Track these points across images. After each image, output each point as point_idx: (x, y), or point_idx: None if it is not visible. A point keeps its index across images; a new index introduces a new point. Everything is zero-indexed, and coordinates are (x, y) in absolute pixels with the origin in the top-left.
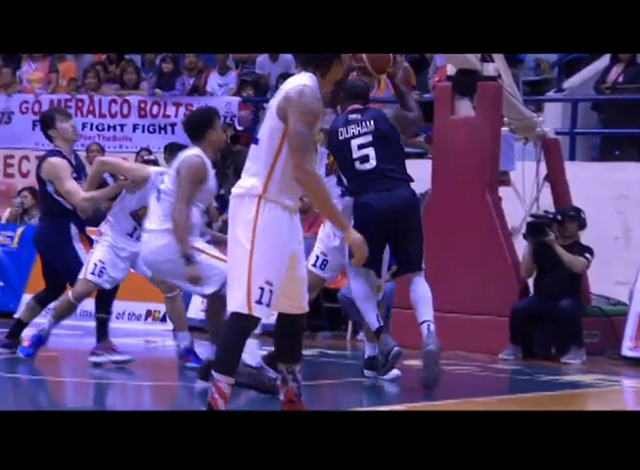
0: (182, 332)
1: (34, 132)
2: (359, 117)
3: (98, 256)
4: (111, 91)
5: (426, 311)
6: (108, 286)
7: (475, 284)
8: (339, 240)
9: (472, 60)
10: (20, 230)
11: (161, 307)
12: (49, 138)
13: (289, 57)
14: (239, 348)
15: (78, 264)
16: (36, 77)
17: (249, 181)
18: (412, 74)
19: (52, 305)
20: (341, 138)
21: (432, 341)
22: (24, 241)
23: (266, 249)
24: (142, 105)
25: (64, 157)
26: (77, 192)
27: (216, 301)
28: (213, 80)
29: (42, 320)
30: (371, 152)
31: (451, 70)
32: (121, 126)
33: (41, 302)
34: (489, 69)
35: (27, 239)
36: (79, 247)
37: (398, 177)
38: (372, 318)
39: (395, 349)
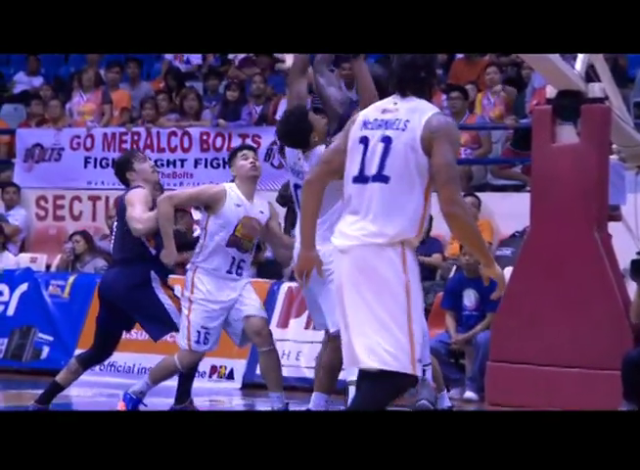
0: (276, 392)
1: (86, 170)
2: None
3: (198, 320)
4: (170, 123)
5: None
6: (214, 349)
7: (579, 332)
8: None
9: (575, 80)
10: (71, 279)
11: (228, 363)
12: (126, 182)
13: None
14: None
15: (165, 315)
16: (88, 109)
17: (387, 227)
18: None
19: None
20: None
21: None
22: (76, 291)
23: (418, 300)
24: (204, 137)
25: None
26: (149, 219)
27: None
28: (283, 108)
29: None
30: None
31: (551, 91)
32: (182, 161)
33: (85, 363)
34: (595, 89)
35: (80, 289)
36: (163, 295)
37: None
38: None
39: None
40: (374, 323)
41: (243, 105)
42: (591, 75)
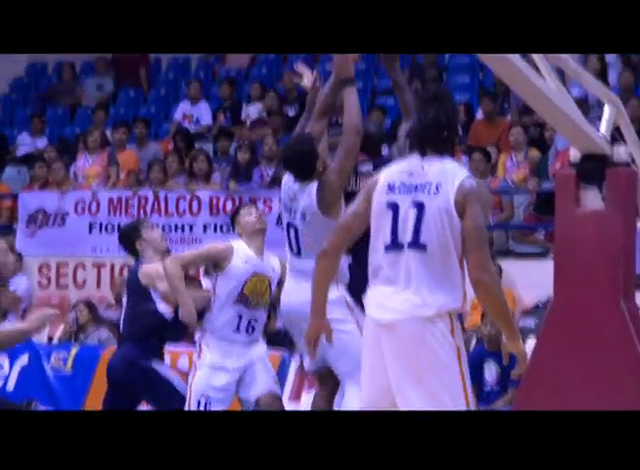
0: None
1: (91, 236)
2: None
3: (199, 388)
4: (178, 186)
5: None
6: None
7: (605, 406)
8: None
9: (599, 142)
10: (74, 350)
11: None
12: (134, 252)
13: None
14: None
15: (174, 392)
16: (93, 172)
17: (432, 298)
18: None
19: None
20: None
21: None
22: (80, 363)
23: (467, 369)
24: (214, 201)
25: None
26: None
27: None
28: None
29: None
30: None
31: (575, 154)
32: (190, 226)
33: None
34: (620, 152)
35: (83, 361)
36: (172, 372)
37: None
38: None
39: None
40: (430, 398)
41: (254, 167)
42: (616, 137)
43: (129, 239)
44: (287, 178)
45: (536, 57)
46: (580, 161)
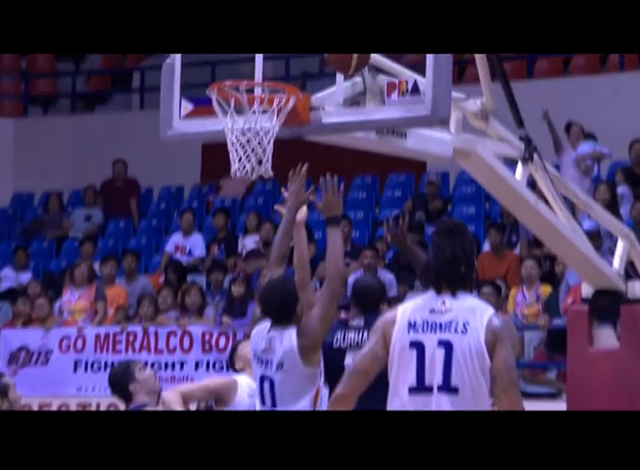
0: None
1: (76, 375)
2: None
3: None
4: (169, 321)
5: None
6: None
7: None
8: None
9: (613, 278)
10: None
11: None
12: (127, 396)
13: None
14: None
15: None
16: (79, 308)
17: None
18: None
19: None
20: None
21: None
22: None
23: None
24: (206, 337)
25: None
26: None
27: None
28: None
29: None
30: None
31: (587, 290)
32: (181, 364)
33: None
34: (635, 288)
35: None
36: None
37: None
38: None
39: None
40: None
41: (249, 301)
42: (630, 273)
43: (123, 382)
44: (260, 327)
45: (546, 188)
46: (593, 297)
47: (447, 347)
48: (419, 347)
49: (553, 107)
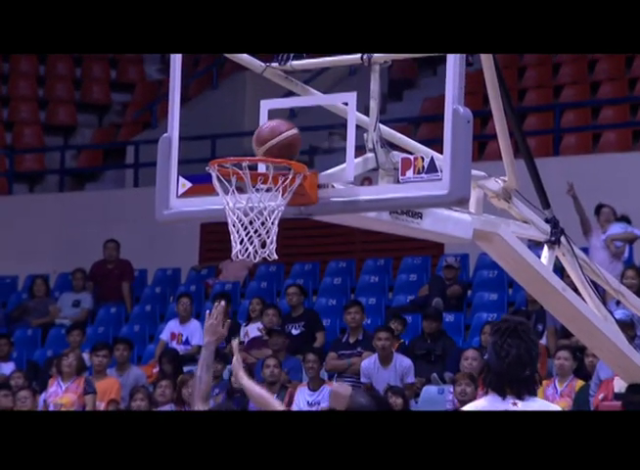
0: None
1: None
2: None
3: None
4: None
5: None
6: None
7: None
8: None
9: None
10: None
11: None
12: None
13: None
14: None
15: None
16: (66, 401)
17: None
18: None
19: None
20: None
21: None
22: None
23: None
24: None
25: None
26: None
27: None
28: (301, 396)
29: None
30: None
31: (620, 384)
32: None
33: None
34: None
35: None
36: None
37: None
38: None
39: None
40: None
41: None
42: None
43: None
44: None
45: (574, 274)
46: (626, 391)
47: None
48: None
49: (581, 185)
